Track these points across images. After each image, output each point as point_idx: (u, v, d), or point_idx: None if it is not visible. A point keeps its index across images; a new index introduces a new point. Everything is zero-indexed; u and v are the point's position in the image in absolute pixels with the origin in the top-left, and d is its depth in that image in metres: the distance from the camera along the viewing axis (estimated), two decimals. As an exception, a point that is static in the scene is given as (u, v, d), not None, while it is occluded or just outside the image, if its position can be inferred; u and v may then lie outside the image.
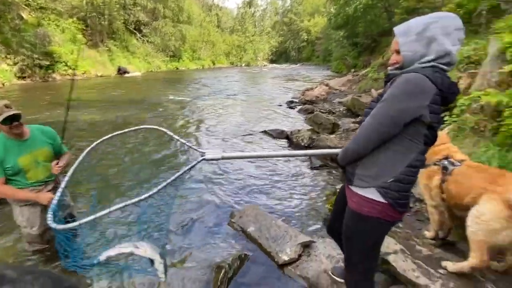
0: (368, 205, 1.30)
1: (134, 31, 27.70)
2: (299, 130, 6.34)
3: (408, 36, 1.21)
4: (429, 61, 1.19)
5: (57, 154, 2.22)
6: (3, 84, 13.79)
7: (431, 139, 1.27)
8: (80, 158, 1.59)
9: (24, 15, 16.94)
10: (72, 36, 19.32)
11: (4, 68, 14.61)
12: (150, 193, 1.21)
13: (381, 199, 1.27)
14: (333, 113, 8.63)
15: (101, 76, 20.18)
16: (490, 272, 2.00)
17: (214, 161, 1.49)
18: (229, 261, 2.37)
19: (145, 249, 1.45)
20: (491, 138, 2.93)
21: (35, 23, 17.06)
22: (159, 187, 1.23)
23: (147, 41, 28.50)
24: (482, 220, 1.75)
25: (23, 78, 15.47)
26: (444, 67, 1.20)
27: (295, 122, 7.83)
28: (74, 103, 9.80)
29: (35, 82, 15.57)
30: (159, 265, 1.43)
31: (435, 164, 2.15)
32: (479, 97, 3.16)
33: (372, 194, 1.29)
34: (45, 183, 2.08)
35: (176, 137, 1.61)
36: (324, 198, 3.43)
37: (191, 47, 34.66)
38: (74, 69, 17.86)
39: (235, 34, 47.86)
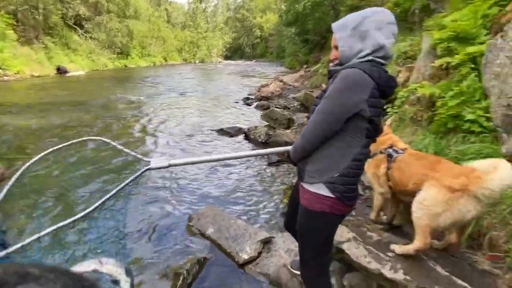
0: (318, 200, 1.33)
1: (75, 26, 25.45)
2: (256, 127, 6.37)
3: (345, 31, 1.25)
4: (365, 56, 1.23)
5: None
6: None
7: (373, 133, 1.31)
8: (18, 173, 1.37)
9: None
10: (0, 31, 17.14)
11: None
12: (88, 210, 1.08)
13: (330, 194, 1.30)
14: (288, 108, 8.84)
15: (38, 76, 18.21)
16: (432, 251, 2.20)
17: (163, 169, 1.38)
18: (187, 266, 2.29)
19: (110, 267, 1.29)
20: (427, 127, 3.22)
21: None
22: (98, 202, 1.10)
23: (91, 37, 26.39)
24: (424, 206, 1.90)
25: None
26: (381, 60, 1.24)
27: (252, 118, 7.86)
28: (5, 107, 8.74)
29: (-45, 85, 13.55)
30: (125, 284, 1.29)
31: (381, 153, 2.30)
32: (415, 89, 3.44)
33: (321, 189, 1.31)
34: None
35: (120, 146, 1.45)
36: (282, 192, 3.48)
37: (140, 43, 32.91)
38: None
39: (187, 30, 46.45)
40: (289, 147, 1.53)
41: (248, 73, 23.70)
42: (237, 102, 10.26)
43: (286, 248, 2.47)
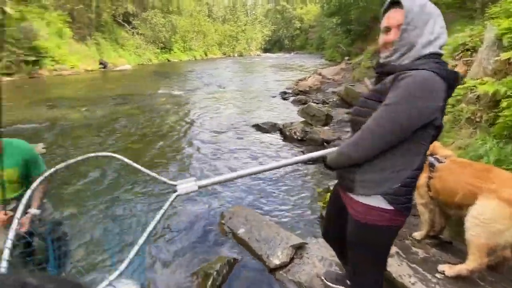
0: (375, 213, 1.19)
1: (123, 23, 27.00)
2: (291, 123, 6.21)
3: (415, 6, 1.06)
4: (429, 47, 1.07)
5: (30, 174, 1.98)
6: (-14, 82, 13.36)
7: (436, 137, 1.18)
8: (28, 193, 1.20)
9: (7, 9, 16.31)
10: (58, 29, 18.74)
11: (-14, 64, 14.15)
12: (128, 259, 0.91)
13: (388, 207, 1.16)
14: (327, 103, 8.51)
15: (90, 70, 19.70)
16: (488, 273, 1.92)
17: (193, 192, 1.18)
18: (217, 267, 2.27)
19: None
20: (487, 129, 2.82)
21: (19, 17, 16.46)
22: (136, 248, 0.93)
23: (137, 33, 27.82)
24: (482, 222, 1.65)
25: (10, 74, 15.01)
26: (440, 51, 1.09)
27: (289, 114, 7.69)
28: (62, 100, 9.56)
29: (22, 79, 15.13)
30: None
31: None
32: (475, 86, 3.04)
33: (378, 201, 1.17)
34: (7, 202, 1.88)
35: (138, 166, 1.23)
36: (316, 195, 3.31)
37: (182, 38, 33.97)
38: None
39: (227, 24, 46.95)
40: (326, 151, 1.36)
41: (286, 66, 23.32)
42: (273, 97, 10.12)
43: (320, 256, 2.33)
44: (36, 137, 5.68)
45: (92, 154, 1.25)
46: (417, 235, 2.25)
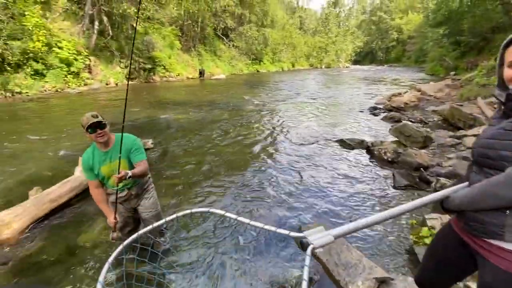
0: None
1: (222, 36, 29.76)
2: (382, 142, 5.75)
3: None
4: None
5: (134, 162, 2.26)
6: (116, 84, 16.50)
7: None
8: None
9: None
10: (170, 42, 21.87)
11: (118, 70, 17.45)
12: None
13: None
14: (425, 123, 7.61)
15: (191, 78, 22.32)
16: None
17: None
18: (293, 282, 2.25)
19: None
20: None
21: (143, 32, 19.84)
22: None
23: (233, 45, 30.28)
24: None
25: (131, 79, 18.19)
26: None
27: (378, 131, 7.16)
28: (169, 102, 11.08)
29: (139, 83, 18.14)
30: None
31: None
32: None
33: None
34: (122, 190, 2.26)
35: (253, 222, 1.14)
36: (409, 226, 2.97)
37: (273, 50, 35.44)
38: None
39: (318, 36, 46.92)
40: (447, 191, 1.19)
41: (377, 79, 21.88)
42: (362, 112, 9.60)
43: (408, 297, 2.07)
44: (147, 133, 6.70)
45: (206, 209, 1.27)
46: None
